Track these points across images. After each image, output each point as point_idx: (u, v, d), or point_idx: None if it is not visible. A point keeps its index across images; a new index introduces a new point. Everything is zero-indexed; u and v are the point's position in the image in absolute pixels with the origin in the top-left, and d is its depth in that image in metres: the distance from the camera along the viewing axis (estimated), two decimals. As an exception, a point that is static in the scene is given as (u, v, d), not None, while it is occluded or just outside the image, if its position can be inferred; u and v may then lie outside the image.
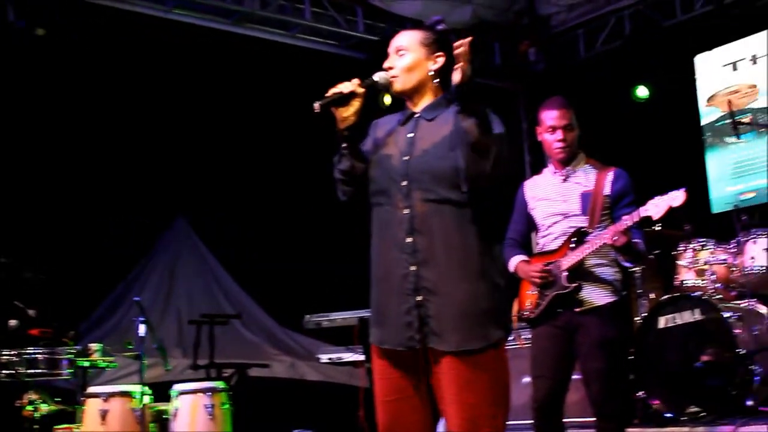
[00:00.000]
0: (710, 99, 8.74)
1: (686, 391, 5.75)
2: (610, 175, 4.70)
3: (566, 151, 4.73)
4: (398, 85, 3.54)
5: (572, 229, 4.68)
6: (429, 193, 3.42)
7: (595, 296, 4.62)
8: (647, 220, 4.48)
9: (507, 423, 3.63)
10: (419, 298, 3.38)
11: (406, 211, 3.44)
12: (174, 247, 9.26)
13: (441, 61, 3.53)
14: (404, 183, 3.46)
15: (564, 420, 5.04)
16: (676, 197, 4.40)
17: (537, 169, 8.99)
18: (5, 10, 6.92)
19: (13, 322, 6.76)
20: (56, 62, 7.64)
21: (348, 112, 3.48)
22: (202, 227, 9.21)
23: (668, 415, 5.76)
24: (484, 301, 3.40)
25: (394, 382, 3.52)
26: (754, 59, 8.44)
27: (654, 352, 5.96)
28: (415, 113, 3.58)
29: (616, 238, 4.45)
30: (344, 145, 3.50)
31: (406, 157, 3.49)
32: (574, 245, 4.62)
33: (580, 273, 4.61)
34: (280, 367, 8.75)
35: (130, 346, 7.15)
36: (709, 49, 8.74)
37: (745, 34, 8.49)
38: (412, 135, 3.54)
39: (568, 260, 4.61)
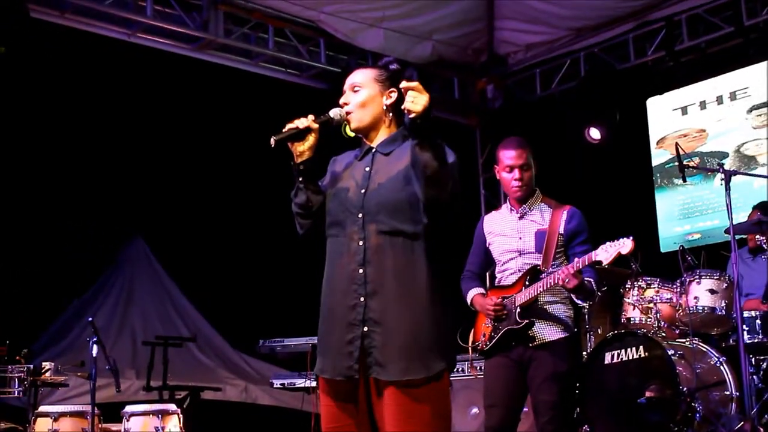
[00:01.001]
0: (660, 141, 8.89)
1: (629, 426, 5.75)
2: (564, 214, 4.78)
3: (523, 189, 4.80)
4: (354, 121, 3.57)
5: (527, 266, 4.74)
6: (383, 225, 3.43)
7: (547, 332, 4.69)
8: (598, 264, 4.54)
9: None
10: (365, 329, 3.38)
11: (360, 243, 3.45)
12: (131, 268, 9.23)
13: (394, 96, 3.55)
14: (360, 215, 3.47)
15: None
16: (625, 245, 4.49)
17: (492, 202, 9.09)
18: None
19: (-35, 340, 6.71)
20: (20, 78, 7.55)
21: (303, 147, 3.51)
22: (160, 248, 9.17)
23: None
24: (428, 334, 3.40)
25: (334, 412, 3.50)
26: (703, 104, 8.62)
27: (599, 387, 5.96)
28: (372, 148, 3.61)
29: (567, 280, 4.51)
30: (300, 179, 3.52)
31: (363, 190, 3.51)
32: (528, 283, 4.67)
33: (533, 310, 4.67)
34: (233, 390, 8.71)
35: (83, 366, 7.11)
36: (661, 93, 8.90)
37: (696, 80, 8.66)
38: (369, 169, 3.55)
39: (522, 297, 4.66)
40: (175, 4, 7.63)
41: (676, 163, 7.46)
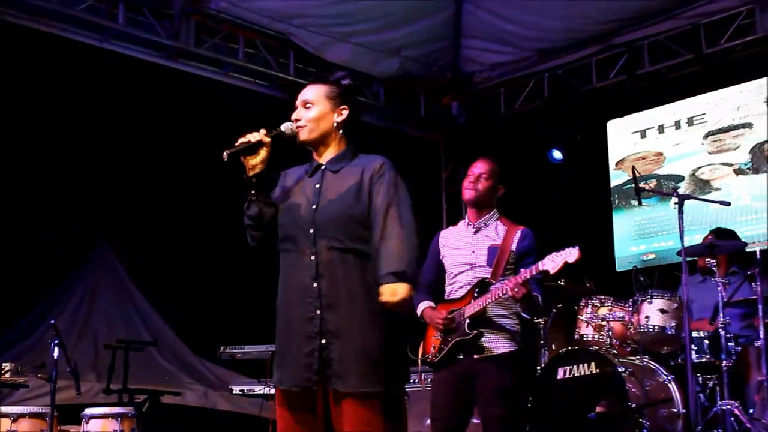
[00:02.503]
0: (619, 163, 8.97)
1: None
2: (518, 234, 4.82)
3: (473, 193, 4.86)
4: (304, 136, 3.61)
5: (477, 279, 4.77)
6: (334, 242, 3.49)
7: (494, 345, 4.70)
8: (545, 274, 4.58)
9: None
10: (323, 341, 3.44)
11: (312, 258, 3.51)
12: (95, 272, 9.17)
13: (345, 113, 3.63)
14: (311, 231, 3.53)
15: None
16: (571, 253, 4.52)
17: (453, 217, 9.15)
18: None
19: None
20: None
21: (255, 161, 3.56)
22: (125, 255, 9.14)
23: None
24: (383, 347, 3.46)
25: (291, 423, 3.54)
26: (661, 129, 8.72)
27: (551, 401, 6.03)
28: (321, 165, 3.67)
29: (516, 289, 4.54)
30: (252, 191, 3.57)
31: (314, 206, 3.57)
32: (477, 294, 4.70)
33: (482, 321, 4.69)
34: (193, 395, 8.67)
35: (43, 368, 7.09)
36: (621, 116, 9.00)
37: (655, 104, 8.76)
38: (319, 186, 3.61)
39: (471, 308, 4.68)
40: (147, 12, 7.61)
41: (633, 185, 7.61)
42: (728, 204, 6.56)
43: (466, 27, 8.85)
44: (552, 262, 4.55)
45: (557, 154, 9.15)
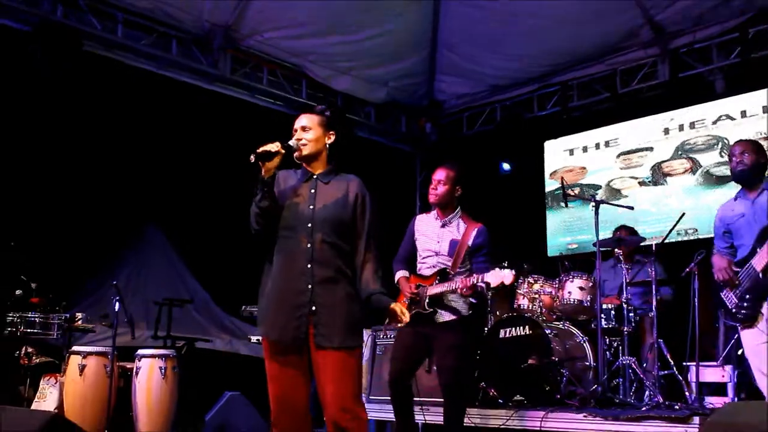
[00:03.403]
0: (552, 173, 8.95)
1: (514, 385, 5.84)
2: (474, 231, 4.85)
3: (435, 198, 4.90)
4: (305, 152, 3.67)
5: (440, 265, 4.83)
6: (327, 236, 3.56)
7: (446, 315, 4.78)
8: (486, 284, 4.61)
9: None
10: (313, 308, 3.52)
11: (308, 245, 3.55)
12: (145, 244, 9.07)
13: (333, 137, 3.71)
14: (309, 225, 3.59)
15: (423, 399, 5.25)
16: (507, 277, 4.52)
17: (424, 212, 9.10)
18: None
19: (18, 292, 6.68)
20: (70, 96, 7.52)
21: (271, 165, 3.59)
22: (169, 230, 9.05)
23: (500, 401, 5.82)
24: (358, 315, 3.57)
25: (283, 367, 3.57)
26: (585, 149, 8.73)
27: (494, 355, 6.05)
28: (314, 175, 3.75)
29: (464, 290, 4.64)
30: (266, 189, 3.61)
31: (311, 207, 3.64)
32: (438, 281, 4.77)
33: (437, 300, 4.76)
34: (221, 343, 8.62)
35: (106, 317, 7.11)
36: (555, 138, 8.98)
37: (581, 130, 8.77)
38: (314, 191, 3.66)
39: (432, 290, 4.75)
40: (194, 47, 7.63)
41: (567, 191, 7.68)
42: (632, 208, 6.66)
43: (439, 66, 8.80)
44: (493, 278, 4.55)
45: (506, 166, 9.19)
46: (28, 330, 6.50)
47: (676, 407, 5.11)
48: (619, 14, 7.48)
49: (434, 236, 4.92)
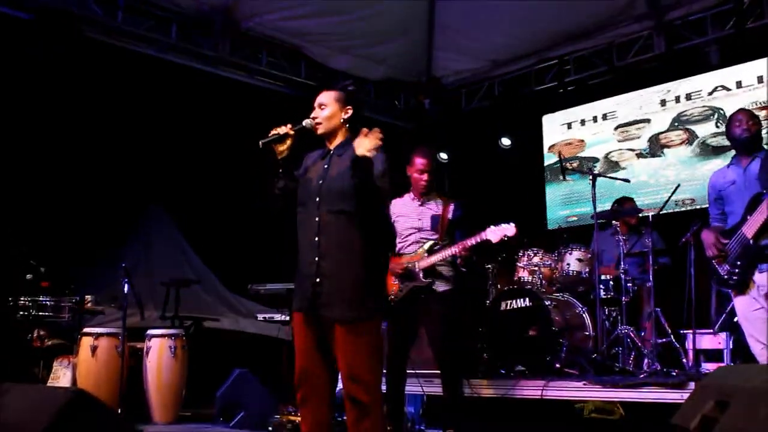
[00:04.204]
0: (551, 147, 9.00)
1: (516, 355, 5.96)
2: (452, 207, 5.03)
3: (428, 186, 5.05)
4: (320, 130, 3.78)
5: (424, 240, 4.96)
6: (332, 206, 3.63)
7: (441, 286, 4.92)
8: (488, 242, 4.78)
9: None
10: (317, 280, 3.63)
11: (316, 219, 3.65)
12: (152, 227, 9.13)
13: (350, 112, 3.78)
14: (317, 199, 3.69)
15: (417, 371, 5.39)
16: (509, 229, 4.72)
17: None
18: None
19: (29, 276, 6.82)
20: (74, 83, 7.59)
21: (283, 147, 3.70)
22: (174, 212, 9.13)
23: (502, 371, 5.95)
24: (363, 286, 3.59)
25: (305, 337, 3.69)
26: (583, 122, 8.78)
27: (497, 327, 6.16)
28: (330, 150, 3.87)
29: (464, 253, 4.80)
30: (280, 170, 3.73)
31: (320, 182, 3.75)
32: (428, 253, 4.90)
33: (431, 272, 4.90)
34: (227, 321, 8.70)
35: (115, 300, 7.23)
36: (553, 112, 9.03)
37: (578, 104, 8.80)
38: (327, 167, 3.76)
39: (425, 263, 4.88)
40: (193, 31, 7.68)
41: (565, 164, 7.75)
42: (629, 181, 6.73)
43: (436, 42, 8.83)
44: (494, 233, 4.75)
45: (505, 141, 9.27)
46: (41, 313, 6.64)
47: (674, 374, 5.22)
48: (614, -12, 7.55)
49: (414, 215, 5.07)
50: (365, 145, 3.50)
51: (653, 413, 5.57)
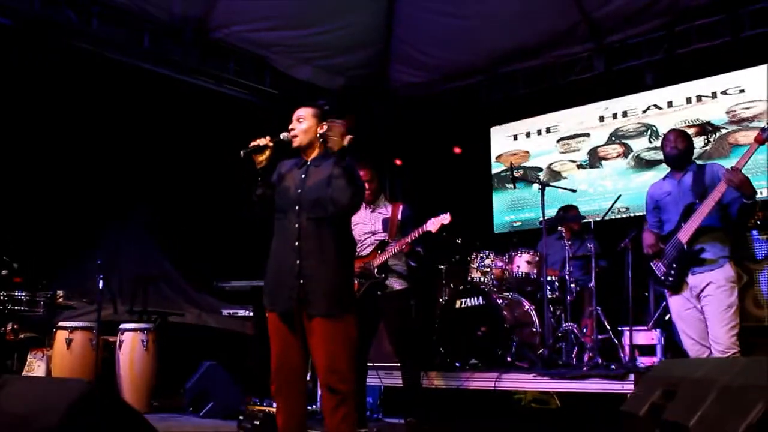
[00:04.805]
0: (498, 157, 9.18)
1: (470, 350, 6.06)
2: (400, 208, 5.24)
3: (374, 194, 5.25)
4: (296, 142, 3.91)
5: (377, 242, 5.15)
6: (311, 214, 3.77)
7: (393, 283, 5.11)
8: (429, 233, 4.97)
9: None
10: (301, 281, 3.75)
11: (296, 225, 3.78)
12: (118, 226, 8.99)
13: (325, 128, 3.88)
14: (297, 207, 3.81)
15: (378, 364, 5.57)
16: (445, 218, 4.95)
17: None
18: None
19: (4, 272, 6.75)
20: (60, 89, 7.59)
21: (262, 158, 3.83)
22: (142, 213, 9.07)
23: (457, 364, 6.05)
24: (339, 285, 3.76)
25: (282, 334, 3.83)
26: (528, 134, 8.97)
27: (451, 323, 6.25)
28: (307, 162, 3.98)
29: (406, 246, 5.00)
30: (259, 179, 3.84)
31: (299, 191, 3.87)
32: (380, 251, 5.08)
33: (385, 268, 5.07)
34: (191, 316, 8.65)
35: (86, 295, 7.21)
36: (500, 124, 9.19)
37: (524, 117, 8.99)
38: (304, 176, 3.88)
39: (378, 260, 5.07)
40: (165, 39, 7.63)
41: (508, 173, 7.97)
42: (574, 191, 6.98)
43: (393, 56, 8.90)
44: (432, 225, 4.97)
45: (456, 150, 9.42)
46: (16, 307, 6.60)
47: (613, 367, 5.46)
48: (559, 13, 7.73)
49: (367, 221, 5.25)
50: (337, 138, 3.68)
51: (587, 403, 5.80)
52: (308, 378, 4.14)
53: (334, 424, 3.75)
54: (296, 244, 3.76)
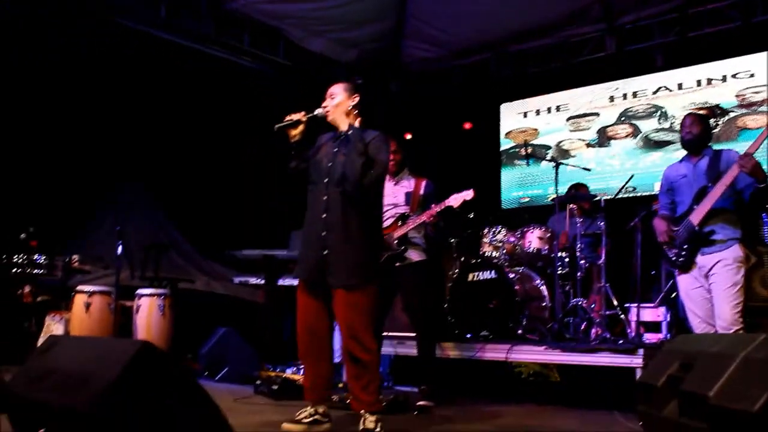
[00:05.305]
0: (507, 134, 9.28)
1: (481, 322, 6.15)
2: (423, 183, 5.36)
3: (398, 166, 5.35)
4: (330, 117, 4.11)
5: (398, 214, 5.26)
6: (338, 187, 3.95)
7: (411, 255, 5.22)
8: (450, 208, 5.11)
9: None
10: (325, 252, 3.94)
11: (324, 198, 3.97)
12: (129, 195, 9.12)
13: (356, 100, 4.10)
14: (326, 180, 4.00)
15: (391, 333, 5.72)
16: (468, 194, 5.09)
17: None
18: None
19: (23, 235, 6.87)
20: (59, 55, 7.61)
21: (296, 132, 4.02)
22: (152, 183, 9.14)
23: (468, 335, 6.15)
24: (361, 257, 3.93)
25: (308, 301, 4.04)
26: (538, 112, 9.07)
27: (463, 297, 6.32)
28: (341, 134, 4.13)
29: (430, 219, 5.12)
30: (292, 152, 4.02)
31: (330, 164, 4.04)
32: (401, 223, 5.20)
33: (404, 240, 5.20)
34: (200, 283, 8.69)
35: (101, 260, 7.33)
36: (510, 101, 9.28)
37: (534, 95, 9.07)
38: (336, 150, 4.07)
39: (398, 232, 5.18)
40: (181, 10, 7.70)
41: (517, 150, 8.10)
42: (589, 170, 7.07)
43: (406, 31, 8.94)
44: (454, 200, 5.10)
45: (466, 126, 9.51)
46: (35, 271, 6.71)
47: (620, 342, 5.61)
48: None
49: (390, 193, 5.33)
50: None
51: (587, 377, 5.96)
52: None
53: (357, 392, 3.94)
54: (323, 216, 3.94)
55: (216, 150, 8.87)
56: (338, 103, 4.09)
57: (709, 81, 7.85)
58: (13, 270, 6.69)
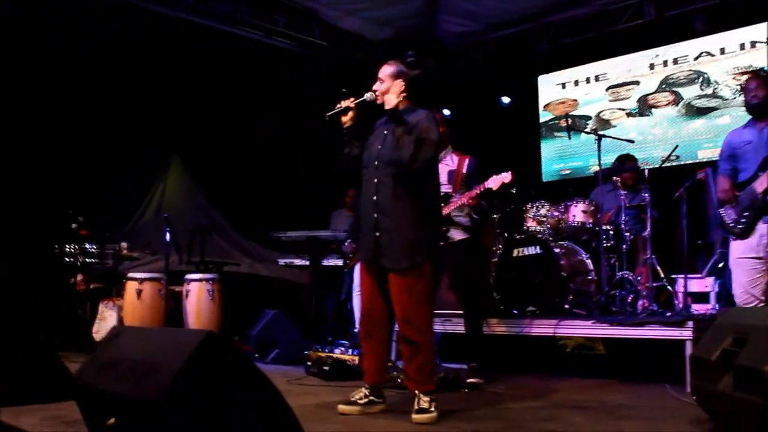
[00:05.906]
0: (546, 106, 9.26)
1: (528, 298, 6.14)
2: (467, 161, 5.36)
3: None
4: (379, 100, 4.14)
5: (442, 192, 5.22)
6: (387, 170, 4.00)
7: (454, 234, 5.26)
8: (489, 190, 5.12)
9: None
10: (377, 234, 4.01)
11: (375, 180, 4.03)
12: (169, 180, 9.32)
13: (409, 77, 4.10)
14: (376, 163, 4.05)
15: (438, 311, 5.59)
16: (506, 176, 5.07)
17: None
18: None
19: (74, 225, 7.06)
20: (100, 42, 7.72)
21: (347, 118, 4.06)
22: (193, 165, 9.29)
23: (515, 311, 6.15)
24: (415, 241, 3.96)
25: (368, 283, 4.13)
26: (576, 82, 9.03)
27: (508, 273, 6.31)
28: (390, 117, 4.17)
29: (470, 200, 5.15)
30: (345, 138, 4.08)
31: (379, 147, 4.09)
32: (443, 204, 5.16)
33: (447, 220, 5.22)
34: (244, 266, 8.90)
35: (149, 246, 7.49)
36: (548, 72, 9.26)
37: (572, 65, 9.03)
38: (386, 133, 4.12)
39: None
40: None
41: (557, 121, 8.05)
42: (633, 141, 6.97)
43: (440, 6, 8.83)
44: (493, 182, 5.10)
45: (505, 99, 9.48)
46: (87, 260, 6.89)
47: (668, 314, 5.57)
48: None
49: None
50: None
51: (632, 349, 5.99)
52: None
53: (411, 373, 4.01)
54: (374, 198, 4.01)
55: (252, 132, 8.96)
56: (385, 89, 4.12)
57: (753, 44, 7.72)
58: (66, 259, 6.86)
